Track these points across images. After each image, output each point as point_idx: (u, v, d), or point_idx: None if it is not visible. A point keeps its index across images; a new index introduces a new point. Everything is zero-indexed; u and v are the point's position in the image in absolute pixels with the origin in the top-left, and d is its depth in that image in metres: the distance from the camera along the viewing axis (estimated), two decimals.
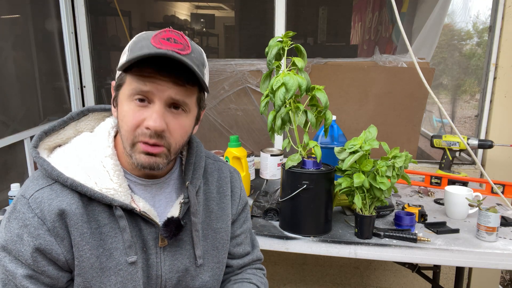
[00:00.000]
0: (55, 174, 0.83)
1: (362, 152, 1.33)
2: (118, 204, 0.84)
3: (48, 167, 0.84)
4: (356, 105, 2.36)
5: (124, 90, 0.83)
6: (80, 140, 0.92)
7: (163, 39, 0.80)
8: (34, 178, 0.86)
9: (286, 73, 1.30)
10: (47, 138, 0.91)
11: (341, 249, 1.39)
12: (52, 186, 0.83)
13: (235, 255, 1.08)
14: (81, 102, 2.56)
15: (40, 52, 2.32)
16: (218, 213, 1.01)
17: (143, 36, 0.84)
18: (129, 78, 0.81)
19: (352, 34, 3.92)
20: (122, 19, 2.94)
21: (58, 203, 0.81)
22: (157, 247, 0.90)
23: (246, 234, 1.11)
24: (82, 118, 0.96)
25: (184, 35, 0.84)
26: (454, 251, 1.34)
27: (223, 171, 1.06)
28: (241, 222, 1.09)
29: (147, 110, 0.81)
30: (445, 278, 2.39)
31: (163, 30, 0.83)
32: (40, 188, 0.82)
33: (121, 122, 0.84)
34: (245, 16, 3.86)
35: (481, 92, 2.21)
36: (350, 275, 2.54)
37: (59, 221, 0.80)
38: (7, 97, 2.06)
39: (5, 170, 2.07)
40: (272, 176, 1.81)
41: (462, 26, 3.04)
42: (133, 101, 0.82)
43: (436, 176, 1.97)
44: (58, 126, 0.92)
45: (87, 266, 0.83)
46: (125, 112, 0.83)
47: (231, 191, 1.05)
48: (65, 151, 0.89)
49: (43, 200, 0.81)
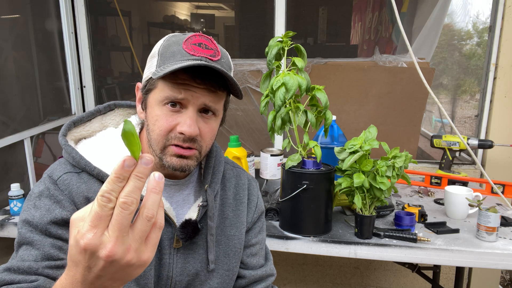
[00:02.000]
0: (83, 163, 0.84)
1: (362, 152, 1.33)
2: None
3: (76, 155, 0.85)
4: (356, 105, 2.36)
5: (155, 95, 0.83)
6: (106, 134, 0.93)
7: (195, 44, 0.81)
8: (61, 163, 0.86)
9: (286, 73, 1.30)
10: (74, 128, 0.93)
11: (341, 249, 1.39)
12: (80, 174, 0.84)
13: (248, 265, 1.05)
14: (81, 102, 2.56)
15: (40, 52, 2.32)
16: (233, 220, 1.00)
17: (173, 40, 0.84)
18: (162, 84, 0.82)
19: (352, 34, 3.91)
20: (122, 19, 2.94)
21: (85, 189, 0.83)
22: (171, 248, 0.90)
23: (261, 245, 1.09)
24: (109, 112, 0.98)
25: (213, 39, 0.85)
26: (454, 251, 1.34)
27: (241, 178, 1.05)
28: (256, 231, 1.06)
29: (180, 115, 0.82)
30: (445, 278, 2.39)
31: (194, 35, 0.83)
32: (68, 172, 0.84)
33: (152, 125, 0.84)
34: (245, 16, 3.86)
35: (481, 92, 2.21)
36: (350, 275, 2.54)
37: (85, 204, 0.79)
38: (7, 97, 2.06)
39: (5, 170, 2.07)
40: (272, 176, 1.80)
41: (462, 26, 3.04)
42: (165, 106, 0.82)
43: (436, 176, 1.97)
44: (86, 117, 0.94)
45: None
46: (157, 116, 0.83)
47: (247, 199, 1.04)
48: (91, 144, 0.91)
49: (72, 183, 0.83)
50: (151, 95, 0.84)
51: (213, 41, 0.85)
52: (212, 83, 0.82)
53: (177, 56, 0.80)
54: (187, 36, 0.83)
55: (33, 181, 2.06)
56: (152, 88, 0.84)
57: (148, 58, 0.88)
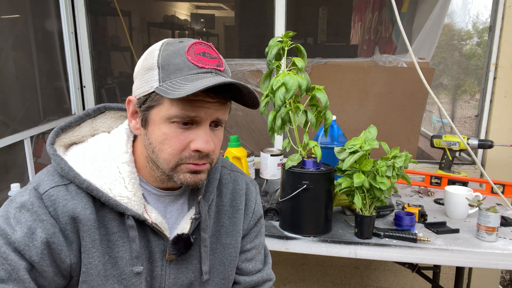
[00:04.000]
0: (72, 175, 0.79)
1: (362, 152, 1.33)
2: (131, 214, 0.81)
3: (65, 166, 0.80)
4: (356, 105, 2.36)
5: (161, 112, 0.77)
6: (98, 141, 0.88)
7: (199, 54, 0.77)
8: (50, 173, 0.81)
9: (286, 73, 1.30)
10: (62, 134, 0.88)
11: (341, 249, 1.39)
12: (67, 187, 0.79)
13: (244, 271, 1.02)
14: (81, 102, 2.56)
15: (40, 52, 2.32)
16: (229, 228, 0.96)
17: (171, 49, 0.78)
18: (170, 101, 0.76)
19: (352, 34, 3.91)
20: (122, 19, 2.94)
21: (72, 206, 0.78)
22: (164, 260, 0.88)
23: (259, 250, 1.05)
24: (99, 115, 0.93)
25: (212, 46, 0.82)
26: (454, 251, 1.34)
27: (238, 183, 1.00)
28: (252, 236, 1.03)
29: (192, 132, 0.78)
30: (445, 278, 2.39)
31: (194, 43, 0.78)
32: (55, 185, 0.79)
33: (159, 144, 0.79)
34: (245, 16, 3.86)
35: (481, 92, 2.21)
36: (350, 275, 2.54)
37: (71, 224, 0.78)
38: (7, 97, 2.06)
39: (5, 170, 2.07)
40: (272, 176, 1.80)
41: (462, 26, 3.04)
42: (173, 124, 0.77)
43: (436, 176, 1.97)
44: (74, 122, 0.89)
45: (94, 274, 0.80)
46: (165, 135, 0.77)
47: (245, 205, 0.99)
48: (81, 151, 0.86)
49: (58, 199, 0.78)
50: (155, 111, 0.78)
51: (213, 48, 0.81)
52: (223, 95, 0.78)
53: (184, 70, 0.75)
54: (187, 44, 0.78)
55: None
56: (155, 105, 0.78)
57: (139, 69, 0.81)
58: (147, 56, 0.80)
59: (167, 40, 0.82)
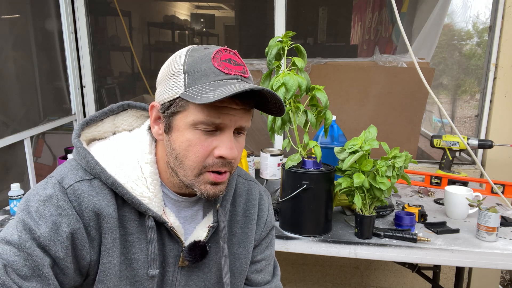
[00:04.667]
0: (98, 170, 0.78)
1: (362, 152, 1.33)
2: (152, 214, 0.81)
3: (92, 160, 0.79)
4: (356, 105, 2.36)
5: (186, 118, 0.76)
6: (120, 139, 0.88)
7: (225, 61, 0.77)
8: (73, 168, 0.80)
9: (286, 73, 1.30)
10: (86, 128, 0.87)
11: (341, 249, 1.39)
12: (92, 182, 0.78)
13: (253, 282, 1.01)
14: (81, 102, 2.56)
15: (40, 52, 2.32)
16: (241, 238, 0.95)
17: (197, 55, 0.77)
18: (195, 107, 0.75)
19: (352, 34, 3.91)
20: (122, 19, 2.94)
21: (97, 202, 0.77)
22: (176, 266, 0.87)
23: (268, 261, 1.04)
24: (121, 112, 0.92)
25: (237, 53, 0.81)
26: (454, 251, 1.34)
27: (252, 193, 0.98)
28: (263, 247, 1.02)
29: (216, 138, 0.77)
30: (445, 278, 2.39)
31: (220, 49, 0.78)
32: (80, 180, 0.77)
33: (184, 151, 0.78)
34: (245, 16, 3.85)
35: (481, 92, 2.21)
36: (350, 275, 2.54)
37: (94, 220, 0.77)
38: (7, 97, 2.06)
39: (5, 170, 2.07)
40: (272, 176, 1.81)
41: (462, 26, 3.05)
42: (198, 130, 0.76)
43: (436, 176, 1.97)
44: (99, 117, 0.88)
45: (112, 273, 0.80)
46: (189, 141, 0.77)
47: (257, 215, 0.98)
48: (104, 147, 0.85)
49: (83, 194, 0.76)
50: (179, 117, 0.77)
51: (238, 55, 0.80)
52: (248, 102, 0.77)
53: (210, 76, 0.75)
54: (212, 51, 0.77)
55: (33, 181, 2.06)
56: (180, 111, 0.77)
57: (164, 75, 0.80)
58: (172, 62, 0.80)
59: (192, 47, 0.81)
